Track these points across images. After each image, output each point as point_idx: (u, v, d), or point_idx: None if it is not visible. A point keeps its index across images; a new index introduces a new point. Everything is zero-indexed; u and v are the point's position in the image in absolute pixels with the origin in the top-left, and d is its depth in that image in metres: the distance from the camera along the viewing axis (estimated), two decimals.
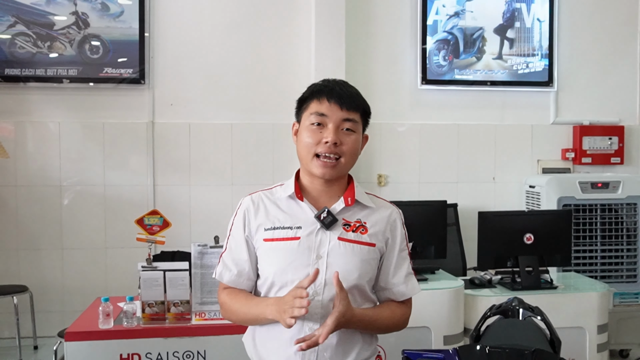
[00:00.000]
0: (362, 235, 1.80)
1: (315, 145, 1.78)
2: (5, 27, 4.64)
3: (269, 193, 1.90)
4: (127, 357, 2.86)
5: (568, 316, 3.41)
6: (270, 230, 1.80)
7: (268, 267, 1.81)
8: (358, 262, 1.77)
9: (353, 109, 1.81)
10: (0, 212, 4.70)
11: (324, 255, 1.76)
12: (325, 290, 1.74)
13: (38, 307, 4.56)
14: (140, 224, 2.98)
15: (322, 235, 1.78)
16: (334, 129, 1.78)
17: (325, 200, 1.84)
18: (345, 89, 1.84)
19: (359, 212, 1.85)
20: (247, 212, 1.86)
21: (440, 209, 3.52)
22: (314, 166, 1.79)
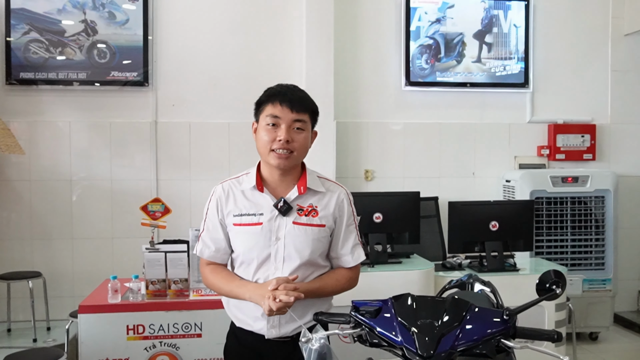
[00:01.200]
0: (314, 218, 2.15)
1: (271, 142, 2.10)
2: (20, 34, 4.99)
3: (236, 182, 2.23)
4: (133, 328, 3.24)
5: (528, 295, 3.71)
6: (238, 216, 2.16)
7: (237, 247, 2.19)
8: (310, 241, 2.13)
9: (302, 110, 2.14)
10: (16, 204, 5.05)
11: (281, 237, 2.12)
12: (285, 266, 2.13)
13: (50, 292, 4.88)
14: (144, 210, 3.36)
15: (280, 220, 2.13)
16: (286, 128, 2.10)
17: (282, 189, 2.18)
18: (296, 93, 2.16)
19: (311, 197, 2.18)
20: (219, 199, 2.20)
21: (414, 199, 3.88)
22: (271, 158, 2.12)
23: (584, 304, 5.13)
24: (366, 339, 1.79)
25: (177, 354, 3.26)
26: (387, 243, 3.78)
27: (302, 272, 2.13)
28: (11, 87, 5.01)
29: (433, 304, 1.77)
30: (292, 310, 2.01)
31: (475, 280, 2.88)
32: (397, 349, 1.70)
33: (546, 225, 5.09)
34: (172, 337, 3.26)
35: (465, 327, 1.69)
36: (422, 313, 1.72)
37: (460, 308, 1.75)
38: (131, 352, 3.23)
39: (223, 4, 5.24)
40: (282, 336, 2.14)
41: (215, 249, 2.22)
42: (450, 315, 1.72)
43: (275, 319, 2.11)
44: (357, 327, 1.81)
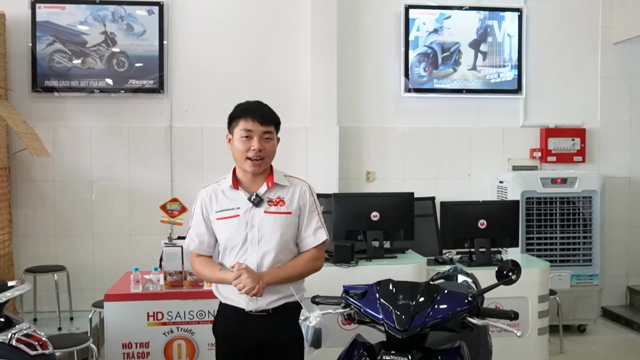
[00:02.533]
0: (281, 207, 2.55)
1: (246, 152, 2.50)
2: (45, 45, 5.36)
3: (217, 185, 2.64)
4: (153, 315, 3.59)
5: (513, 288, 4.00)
6: (220, 212, 2.57)
7: (221, 236, 2.59)
8: (279, 226, 2.53)
9: (269, 123, 2.53)
10: (41, 203, 5.42)
11: (255, 225, 2.53)
12: (259, 249, 2.52)
13: (73, 285, 5.23)
14: (163, 209, 3.71)
15: (254, 211, 2.54)
16: (258, 140, 2.49)
17: (254, 186, 2.58)
18: (264, 109, 2.55)
19: (279, 191, 2.59)
20: (203, 202, 2.62)
21: (408, 199, 4.20)
22: (246, 165, 2.52)
23: (572, 298, 5.45)
24: (354, 317, 2.13)
25: (192, 338, 3.61)
26: (384, 239, 4.11)
27: (276, 253, 2.52)
28: (37, 94, 5.38)
29: (410, 287, 2.11)
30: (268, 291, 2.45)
31: (459, 272, 3.22)
32: (379, 324, 2.05)
33: (536, 224, 5.41)
34: (188, 323, 3.60)
35: (435, 307, 2.03)
36: (400, 295, 2.06)
37: (432, 291, 2.09)
38: (151, 336, 3.58)
39: (233, 17, 5.58)
40: (259, 309, 2.51)
41: (199, 242, 2.62)
42: (424, 297, 2.06)
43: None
44: (347, 307, 2.15)
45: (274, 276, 2.49)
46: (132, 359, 3.58)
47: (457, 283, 3.10)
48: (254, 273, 2.44)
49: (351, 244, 3.90)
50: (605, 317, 5.99)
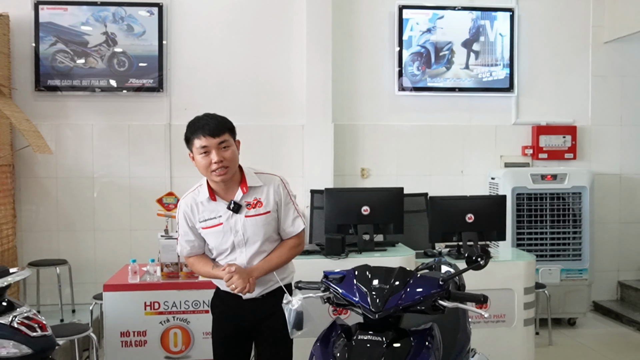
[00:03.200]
0: (260, 208, 2.69)
1: (208, 165, 2.60)
2: (47, 45, 5.51)
3: (195, 194, 2.75)
4: (150, 305, 3.73)
5: (499, 280, 4.21)
6: (204, 221, 2.71)
7: (210, 243, 2.77)
8: (261, 227, 2.69)
9: (222, 134, 2.61)
10: (44, 199, 5.57)
11: (239, 229, 2.69)
12: (247, 250, 2.70)
13: (74, 279, 5.39)
14: (160, 202, 3.86)
15: (235, 217, 2.68)
16: (216, 152, 2.58)
17: (230, 193, 2.69)
18: (212, 122, 2.62)
19: (254, 193, 2.70)
20: (185, 213, 2.75)
21: (398, 194, 4.32)
22: (213, 177, 2.63)
23: (561, 292, 5.56)
24: (333, 299, 2.27)
25: (187, 327, 3.76)
26: (374, 233, 4.24)
27: (262, 249, 2.72)
28: (40, 93, 5.53)
29: (385, 272, 2.24)
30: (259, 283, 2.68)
31: (443, 263, 3.34)
32: (356, 307, 2.18)
33: (527, 219, 5.53)
34: (183, 313, 3.75)
35: (408, 290, 2.16)
36: (376, 279, 2.19)
37: (406, 275, 2.22)
38: (148, 325, 3.73)
39: (231, 17, 5.72)
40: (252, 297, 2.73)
41: (189, 247, 2.82)
42: (398, 280, 2.19)
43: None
44: (327, 290, 2.29)
45: (261, 270, 2.70)
46: (130, 346, 3.72)
47: (440, 273, 3.22)
48: (244, 272, 2.64)
49: (342, 237, 4.03)
50: (596, 312, 6.11)
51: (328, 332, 2.24)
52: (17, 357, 2.55)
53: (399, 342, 2.12)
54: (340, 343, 2.14)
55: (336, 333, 2.20)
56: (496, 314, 4.23)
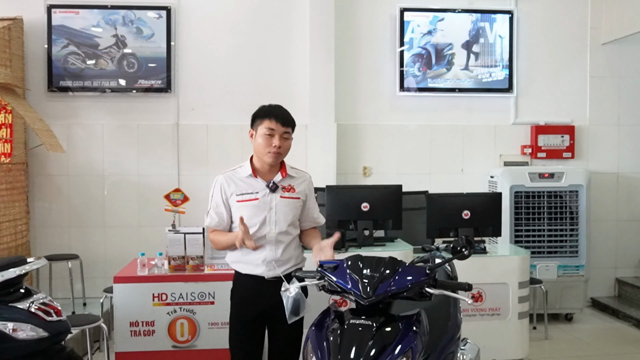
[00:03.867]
0: (292, 193, 3.02)
1: (268, 147, 2.92)
2: (60, 47, 5.70)
3: (233, 172, 3.04)
4: (158, 296, 3.91)
5: (494, 274, 4.37)
6: (240, 195, 2.98)
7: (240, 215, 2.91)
8: (291, 209, 3.01)
9: (288, 125, 2.98)
10: (56, 196, 5.76)
11: (273, 207, 2.97)
12: (276, 228, 2.95)
13: (86, 273, 5.57)
14: (167, 198, 4.03)
15: (271, 196, 2.97)
16: (279, 138, 2.92)
17: (269, 175, 3.02)
18: (285, 113, 2.99)
19: (290, 180, 3.05)
20: (222, 185, 3.01)
21: (397, 191, 4.47)
22: (267, 158, 2.94)
23: (558, 287, 5.69)
24: (328, 287, 2.43)
25: (194, 317, 3.93)
26: (374, 228, 4.40)
27: (288, 229, 2.99)
28: (52, 94, 5.72)
29: (376, 261, 2.39)
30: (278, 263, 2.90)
31: (437, 257, 3.50)
32: (348, 293, 2.34)
33: (525, 217, 5.66)
34: (190, 304, 3.92)
35: (397, 278, 2.32)
36: (367, 268, 2.35)
37: (395, 265, 2.38)
38: (156, 315, 3.91)
39: (236, 20, 5.89)
40: (275, 276, 2.87)
41: (218, 220, 3.04)
42: (388, 269, 2.35)
43: (271, 264, 2.92)
44: (322, 279, 2.45)
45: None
46: (139, 336, 3.90)
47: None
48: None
49: (342, 232, 4.19)
50: (593, 308, 6.24)
51: (322, 317, 2.40)
52: (34, 339, 2.74)
53: (388, 327, 2.28)
54: (334, 327, 2.29)
55: (330, 318, 2.36)
56: (491, 307, 4.38)
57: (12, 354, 2.69)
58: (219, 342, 3.92)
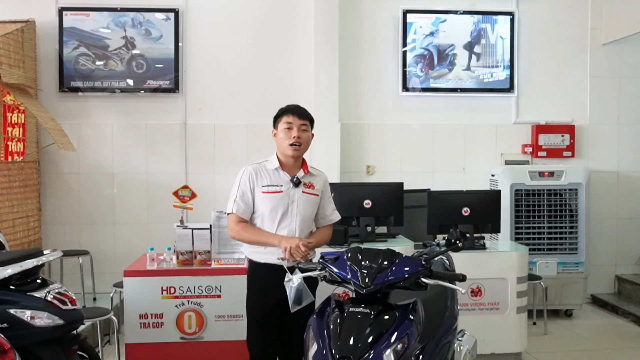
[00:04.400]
0: (312, 190, 3.24)
1: (288, 139, 3.14)
2: (71, 49, 5.85)
3: (260, 165, 3.24)
4: (166, 289, 4.04)
5: (493, 269, 4.48)
6: (266, 186, 3.17)
7: (264, 207, 3.16)
8: (311, 204, 3.23)
9: (305, 118, 3.22)
10: (67, 194, 5.91)
11: (295, 200, 3.17)
12: (297, 220, 3.15)
13: (96, 269, 5.72)
14: (175, 195, 4.17)
15: (294, 190, 3.18)
16: (297, 129, 3.14)
17: (292, 170, 3.22)
18: (301, 108, 3.23)
19: (310, 177, 3.27)
20: (250, 175, 3.20)
21: (398, 189, 4.60)
22: (288, 150, 3.15)
23: (558, 284, 5.80)
24: (329, 277, 2.55)
25: (201, 310, 4.06)
26: (375, 225, 4.52)
27: (305, 224, 3.20)
28: (63, 94, 5.87)
29: (374, 253, 2.52)
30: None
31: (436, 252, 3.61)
32: (348, 283, 2.46)
33: (525, 214, 5.77)
34: (197, 297, 4.05)
35: (394, 269, 2.44)
36: (366, 259, 2.48)
37: (393, 256, 2.50)
38: (165, 308, 4.04)
39: (242, 22, 6.02)
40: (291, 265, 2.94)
41: (244, 207, 3.19)
42: (386, 260, 2.47)
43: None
44: (323, 269, 2.57)
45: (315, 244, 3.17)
46: (148, 327, 4.03)
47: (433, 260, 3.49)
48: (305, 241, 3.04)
49: (345, 228, 4.32)
50: (593, 304, 6.33)
51: (323, 306, 2.53)
52: (51, 326, 2.88)
53: (386, 315, 2.40)
54: (334, 315, 2.42)
55: (330, 307, 2.49)
56: (490, 301, 4.49)
57: (29, 339, 2.83)
58: (225, 334, 4.06)
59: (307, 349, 2.40)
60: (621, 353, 4.92)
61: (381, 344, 2.28)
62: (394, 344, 2.29)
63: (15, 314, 2.81)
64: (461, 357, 3.21)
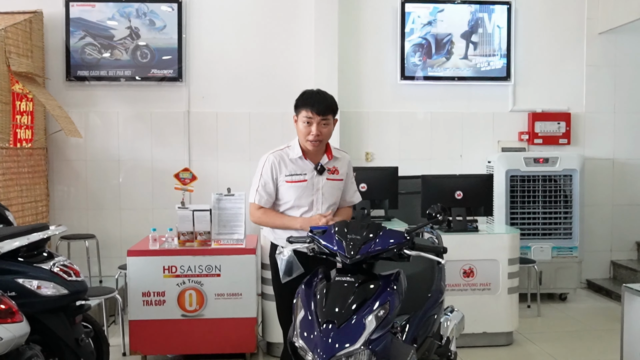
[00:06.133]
0: (337, 175, 3.26)
1: (307, 134, 3.11)
2: (77, 39, 6.01)
3: (282, 152, 3.23)
4: (168, 268, 4.21)
5: (485, 251, 4.61)
6: (289, 176, 3.18)
7: (288, 196, 3.20)
8: (336, 190, 3.27)
9: (327, 113, 3.12)
10: (74, 180, 6.09)
11: (320, 188, 3.21)
12: (322, 206, 3.21)
13: (102, 253, 5.89)
14: (176, 177, 4.33)
15: (318, 177, 3.20)
16: (317, 126, 3.09)
17: (316, 158, 3.22)
18: (323, 102, 3.11)
19: (334, 162, 3.26)
20: (273, 164, 3.20)
21: (393, 173, 4.76)
22: (307, 145, 3.14)
23: (552, 268, 5.92)
24: (317, 250, 2.70)
25: (201, 289, 4.22)
26: (371, 208, 4.67)
27: (332, 209, 3.25)
28: (70, 83, 6.04)
29: (360, 226, 2.66)
30: None
31: (426, 231, 3.76)
32: (335, 255, 2.61)
33: (520, 200, 5.89)
34: (197, 276, 4.22)
35: (378, 240, 2.58)
36: (352, 232, 2.62)
37: (377, 229, 2.64)
38: (166, 286, 4.21)
39: (244, 12, 6.16)
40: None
41: (266, 198, 3.23)
42: (371, 233, 2.61)
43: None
44: (312, 242, 2.72)
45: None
46: (151, 305, 4.20)
47: (423, 238, 3.64)
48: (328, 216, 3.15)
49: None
50: (588, 289, 6.46)
51: (312, 277, 2.67)
52: (56, 296, 3.06)
53: (370, 284, 2.54)
54: (321, 284, 2.57)
55: (318, 277, 2.64)
56: (482, 282, 4.63)
57: (36, 307, 3.01)
58: (225, 311, 4.23)
59: (295, 315, 2.55)
60: (611, 334, 5.03)
61: (364, 310, 2.42)
62: (376, 310, 2.43)
63: (23, 283, 3.00)
64: (448, 331, 3.36)
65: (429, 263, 3.14)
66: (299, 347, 2.42)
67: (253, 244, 4.36)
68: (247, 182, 5.86)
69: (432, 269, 3.25)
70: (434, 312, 3.14)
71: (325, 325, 2.38)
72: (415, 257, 2.67)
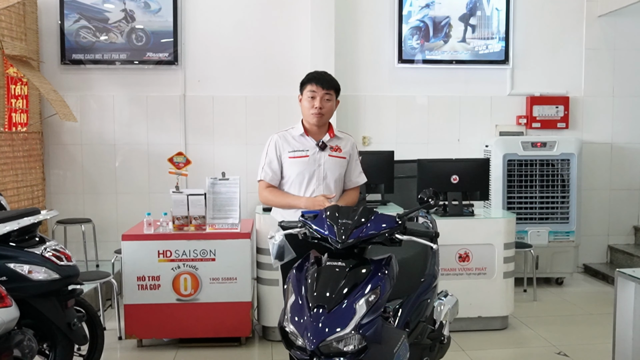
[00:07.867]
0: (339, 153, 3.40)
1: (311, 108, 3.29)
2: (72, 22, 5.96)
3: (286, 132, 3.43)
4: (163, 252, 4.21)
5: (481, 235, 4.60)
6: (292, 152, 3.35)
7: (291, 172, 3.35)
8: (338, 167, 3.39)
9: (329, 88, 3.32)
10: (70, 164, 6.07)
11: (322, 164, 3.36)
12: (324, 183, 3.34)
13: (98, 237, 5.89)
14: (170, 161, 4.30)
15: (320, 154, 3.35)
16: (320, 99, 3.28)
17: (319, 135, 3.39)
18: (326, 77, 3.33)
19: (337, 140, 3.42)
20: (277, 143, 3.39)
21: (388, 157, 4.73)
22: (311, 118, 3.32)
23: (549, 253, 5.92)
24: (309, 234, 2.68)
25: (196, 273, 4.23)
26: (367, 192, 4.65)
27: (333, 186, 3.37)
28: (65, 66, 6.00)
29: (351, 211, 2.64)
30: None
31: (421, 216, 3.74)
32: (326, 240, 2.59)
33: (517, 184, 5.87)
34: (192, 260, 4.22)
35: (369, 225, 2.57)
36: (343, 217, 2.61)
37: (368, 213, 2.63)
38: (161, 271, 4.21)
39: None
40: None
41: (272, 174, 3.39)
42: (362, 217, 2.60)
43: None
44: (303, 227, 2.71)
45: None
46: (146, 289, 4.21)
47: (417, 223, 3.63)
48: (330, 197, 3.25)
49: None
50: (585, 273, 6.46)
51: (303, 261, 2.66)
52: (47, 280, 3.05)
53: (361, 268, 2.53)
54: (312, 269, 2.56)
55: (309, 262, 2.63)
56: (478, 266, 4.63)
57: (27, 292, 3.01)
58: (219, 295, 4.24)
59: (286, 300, 2.55)
60: (607, 318, 4.99)
61: (354, 295, 2.42)
62: (367, 294, 2.42)
63: (14, 268, 2.99)
64: (441, 315, 3.36)
65: (422, 248, 3.13)
66: (289, 332, 2.41)
67: (248, 228, 4.36)
68: (243, 166, 5.93)
69: (425, 254, 3.24)
70: (427, 296, 3.13)
71: (316, 309, 2.37)
72: (408, 242, 2.66)
